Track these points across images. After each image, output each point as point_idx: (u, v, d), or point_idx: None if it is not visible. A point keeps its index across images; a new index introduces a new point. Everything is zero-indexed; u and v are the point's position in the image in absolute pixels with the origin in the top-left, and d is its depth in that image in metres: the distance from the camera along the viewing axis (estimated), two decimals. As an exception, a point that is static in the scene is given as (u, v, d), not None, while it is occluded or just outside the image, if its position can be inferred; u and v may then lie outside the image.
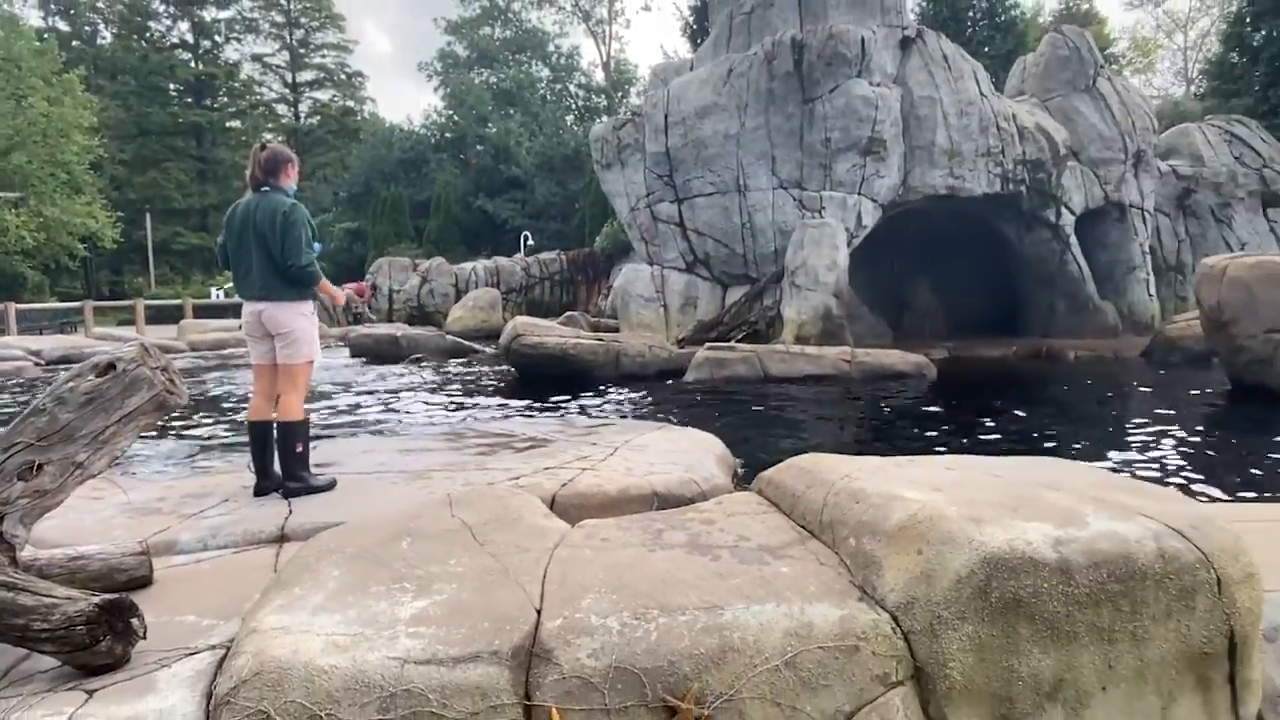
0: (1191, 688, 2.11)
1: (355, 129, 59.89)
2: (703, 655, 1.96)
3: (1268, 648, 2.44)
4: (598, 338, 14.79)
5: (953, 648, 1.99)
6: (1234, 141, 23.83)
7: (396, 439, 6.33)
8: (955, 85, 17.57)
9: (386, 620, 2.06)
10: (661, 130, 18.70)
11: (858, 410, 10.80)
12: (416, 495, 4.03)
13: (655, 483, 4.22)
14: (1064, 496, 2.36)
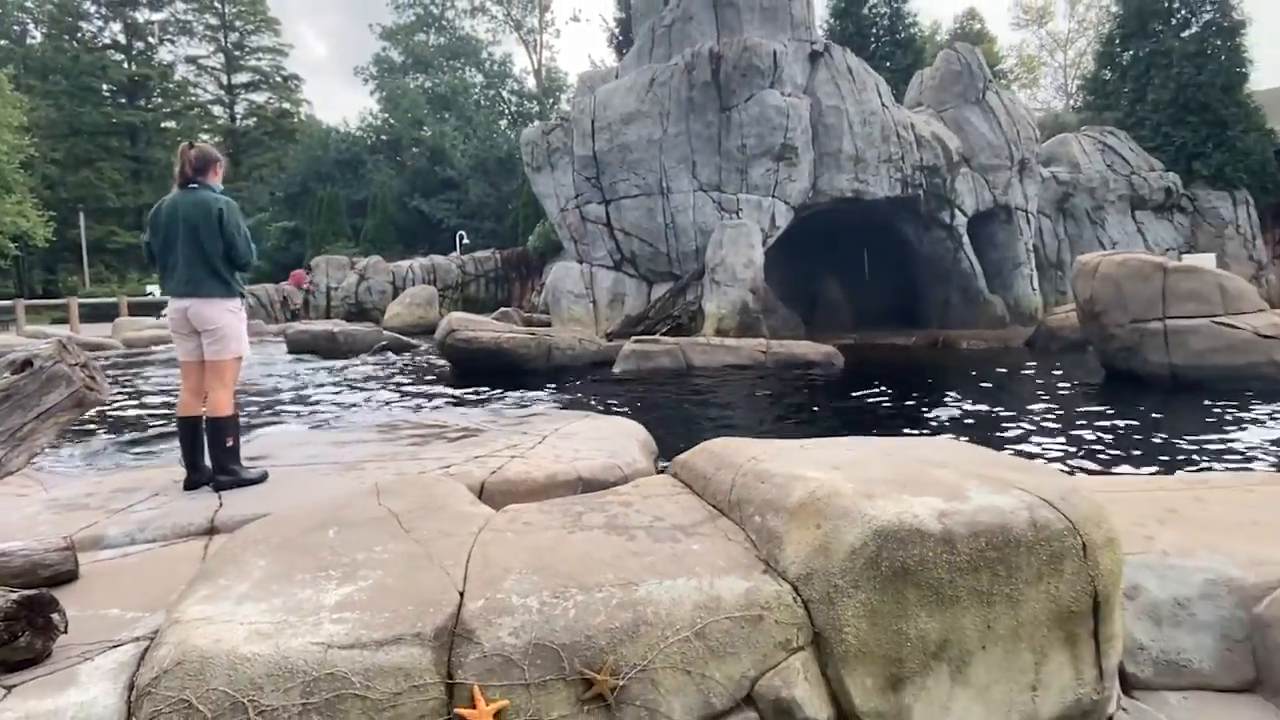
0: (1061, 644, 2.19)
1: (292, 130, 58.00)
2: (618, 629, 1.96)
3: (1128, 605, 2.55)
4: (530, 332, 14.66)
5: (848, 614, 2.02)
6: (1106, 150, 24.92)
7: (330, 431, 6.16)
8: (859, 96, 17.93)
9: (311, 607, 2.00)
10: (589, 135, 18.62)
11: (772, 397, 10.95)
12: (349, 486, 3.93)
13: (581, 468, 4.19)
14: (949, 473, 2.42)
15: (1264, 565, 2.62)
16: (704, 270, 16.79)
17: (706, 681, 1.97)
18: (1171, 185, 24.43)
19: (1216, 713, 2.41)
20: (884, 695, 2.02)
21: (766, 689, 1.99)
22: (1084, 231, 23.70)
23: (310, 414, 9.30)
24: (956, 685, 2.07)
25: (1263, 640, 2.45)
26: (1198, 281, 9.78)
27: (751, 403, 10.65)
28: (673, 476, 3.05)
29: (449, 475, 3.81)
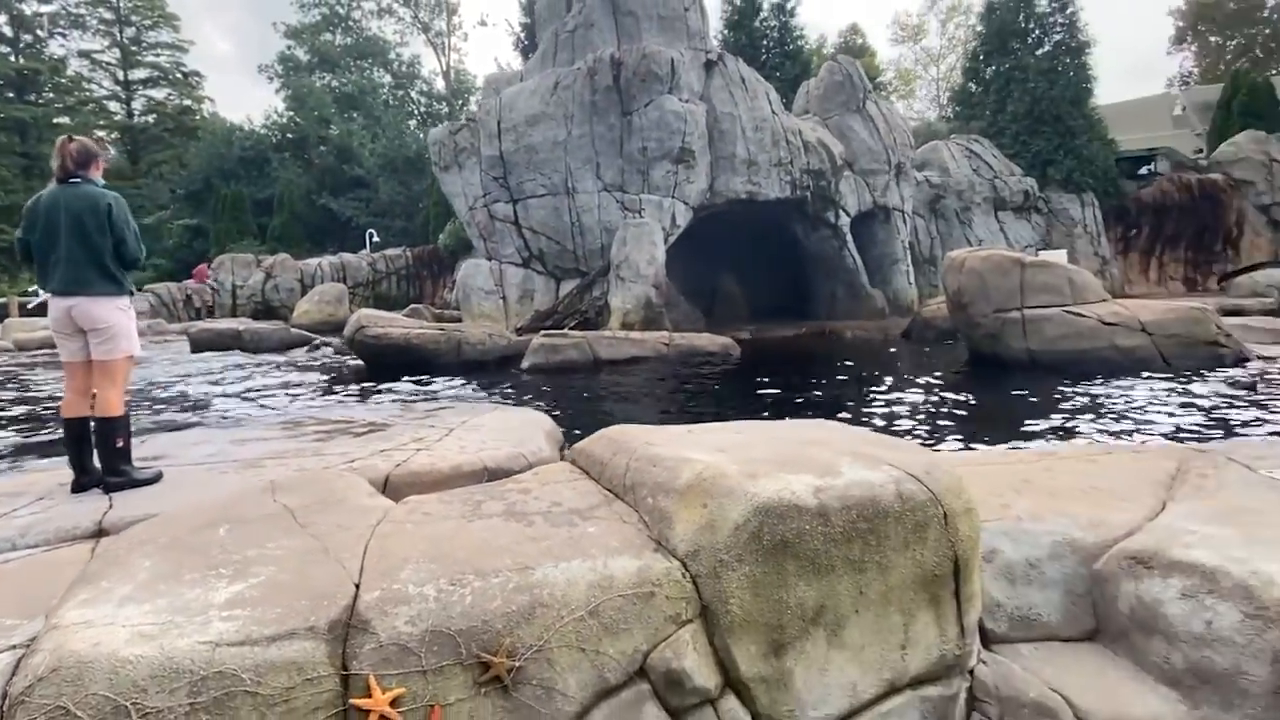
0: (926, 605, 2.26)
1: (193, 127, 54.67)
2: (514, 612, 1.92)
3: (986, 567, 2.67)
4: (440, 328, 14.33)
5: (732, 586, 2.04)
6: (972, 156, 26.14)
7: (231, 430, 5.85)
8: (752, 104, 18.25)
9: (199, 606, 1.88)
10: (495, 136, 18.32)
11: (674, 386, 11.04)
12: (248, 484, 3.73)
13: (486, 459, 4.11)
14: (826, 452, 2.48)
15: (1101, 527, 2.78)
16: (609, 267, 16.79)
17: (601, 658, 1.96)
18: (1029, 189, 25.83)
19: (1063, 661, 2.54)
20: (767, 660, 2.05)
21: (658, 661, 1.99)
22: (953, 230, 24.81)
23: (211, 412, 8.83)
24: (833, 648, 2.12)
25: (1101, 594, 2.60)
26: (1050, 275, 10.37)
27: (655, 392, 10.72)
28: (571, 463, 3.02)
29: (352, 469, 3.67)
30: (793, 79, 26.95)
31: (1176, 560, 2.42)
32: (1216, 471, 3.30)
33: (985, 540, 2.69)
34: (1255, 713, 2.12)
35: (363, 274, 30.76)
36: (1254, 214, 27.81)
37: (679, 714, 2.01)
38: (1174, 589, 2.38)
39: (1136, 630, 2.45)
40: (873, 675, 2.17)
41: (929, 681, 2.29)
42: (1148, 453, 3.69)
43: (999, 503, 3.00)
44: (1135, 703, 2.29)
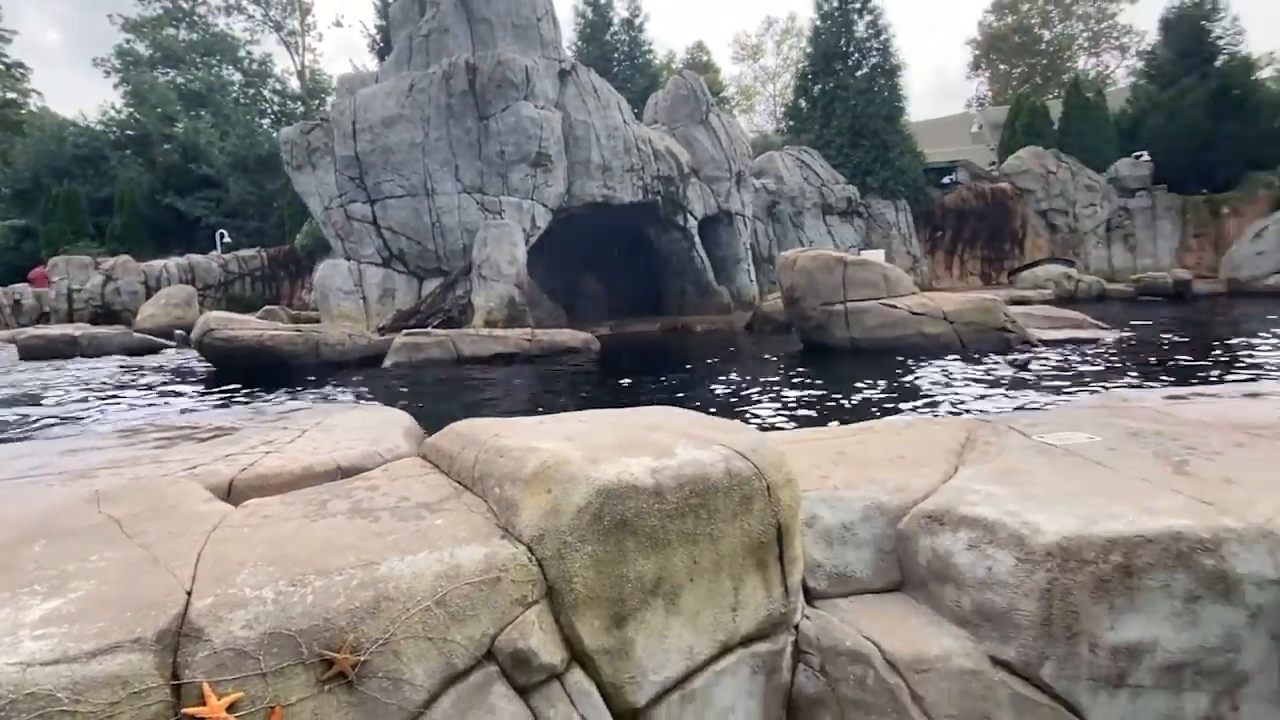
0: (753, 569, 2.34)
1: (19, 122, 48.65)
2: (358, 608, 1.83)
3: (807, 532, 2.80)
4: (296, 329, 13.52)
5: (576, 566, 2.04)
6: (803, 166, 27.51)
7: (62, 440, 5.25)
8: (604, 113, 18.35)
9: (8, 627, 1.67)
10: (350, 136, 17.46)
11: (537, 381, 10.97)
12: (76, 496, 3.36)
13: (340, 459, 3.89)
14: (664, 435, 2.52)
15: (904, 491, 2.98)
16: (472, 267, 16.42)
17: (448, 645, 1.90)
18: (851, 195, 27.49)
19: (873, 611, 2.71)
20: (610, 633, 2.07)
21: (505, 643, 1.97)
22: (788, 232, 26.03)
23: (41, 423, 7.92)
24: (671, 615, 2.16)
25: (904, 549, 2.79)
26: (868, 272, 11.08)
27: (518, 387, 10.60)
28: (422, 458, 2.92)
29: (193, 476, 3.38)
30: (642, 91, 27.34)
31: (964, 516, 2.63)
32: (998, 439, 3.61)
33: (806, 508, 2.83)
34: (1027, 642, 2.35)
35: (214, 275, 28.47)
36: (1035, 218, 30.93)
37: (527, 691, 1.99)
38: (962, 541, 2.58)
39: (933, 580, 2.64)
40: (707, 637, 2.23)
41: (758, 639, 2.37)
42: (944, 424, 4.01)
43: (819, 474, 3.16)
44: (932, 643, 2.47)
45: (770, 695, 2.42)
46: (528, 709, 1.98)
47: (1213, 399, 4.60)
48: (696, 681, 2.21)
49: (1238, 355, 9.98)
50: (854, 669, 2.46)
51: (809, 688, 2.49)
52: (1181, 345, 11.39)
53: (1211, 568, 2.30)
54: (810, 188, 26.71)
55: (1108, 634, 2.28)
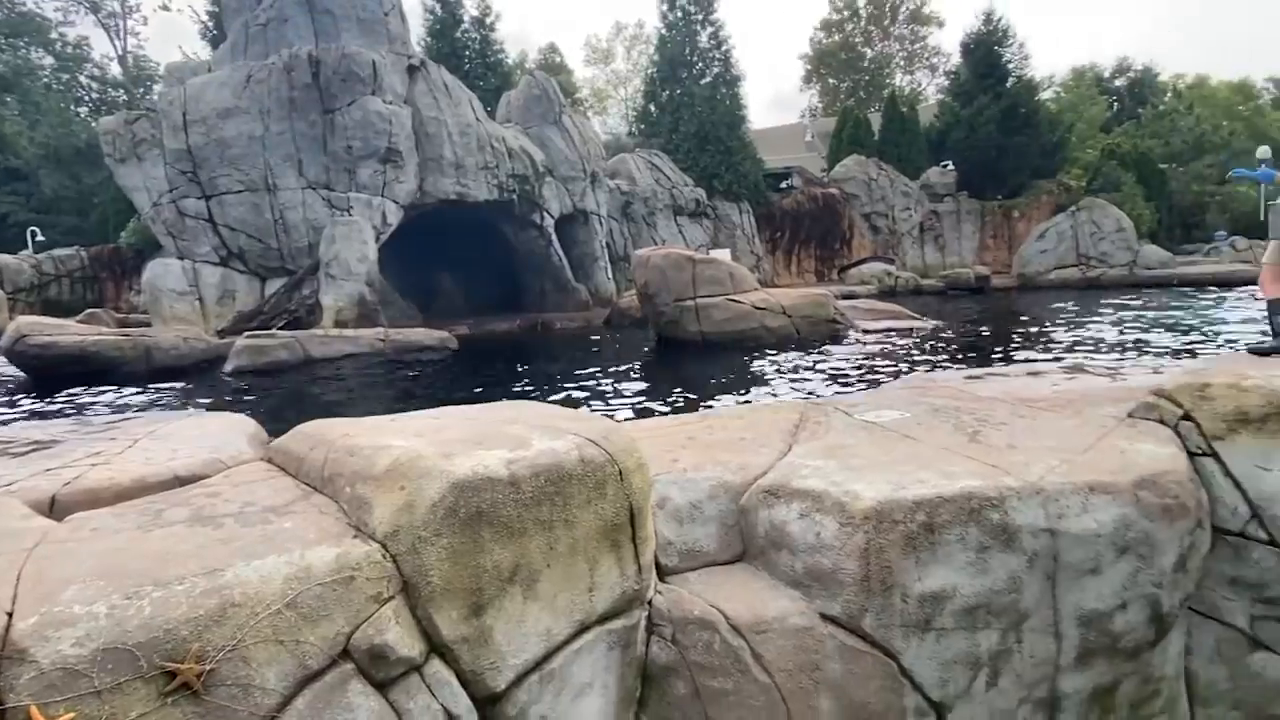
0: (608, 550, 2.41)
1: None
2: (202, 616, 1.74)
3: (659, 512, 2.92)
4: (124, 333, 12.26)
5: (432, 559, 2.03)
6: (654, 169, 28.07)
7: None
8: (456, 110, 17.89)
9: None
10: (181, 128, 15.99)
11: (391, 381, 10.57)
12: None
13: (178, 468, 3.59)
14: (519, 428, 2.54)
15: (746, 469, 3.16)
16: (319, 265, 15.52)
17: (301, 646, 1.84)
18: (699, 197, 28.36)
19: (719, 581, 2.86)
20: (468, 622, 2.07)
21: (361, 640, 1.93)
22: (642, 232, 26.49)
23: None
24: (528, 600, 2.19)
25: (746, 522, 2.97)
26: (715, 269, 11.54)
27: (372, 387, 10.18)
28: (268, 462, 2.78)
29: (9, 493, 3.02)
30: (495, 89, 26.82)
31: (796, 489, 2.84)
32: (826, 419, 3.90)
33: (658, 490, 2.94)
34: (849, 598, 2.57)
35: (25, 277, 25.11)
36: (860, 220, 33.22)
37: (385, 685, 1.96)
38: (795, 511, 2.78)
39: (771, 548, 2.83)
40: (565, 619, 2.28)
41: (614, 616, 2.45)
42: (780, 408, 4.28)
43: (670, 458, 3.29)
44: (770, 605, 2.65)
45: (626, 668, 2.50)
46: (386, 703, 1.95)
47: (1002, 378, 5.18)
48: (555, 661, 2.26)
49: (1027, 338, 11.27)
50: (702, 635, 2.60)
51: (662, 657, 2.60)
52: (980, 332, 12.71)
53: (997, 521, 2.62)
54: (661, 189, 27.31)
55: (916, 585, 2.55)
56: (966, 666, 2.58)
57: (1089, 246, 27.98)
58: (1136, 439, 3.36)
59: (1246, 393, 3.42)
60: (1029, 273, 28.66)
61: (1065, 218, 28.81)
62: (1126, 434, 3.43)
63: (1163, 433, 3.45)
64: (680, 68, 31.28)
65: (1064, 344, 10.52)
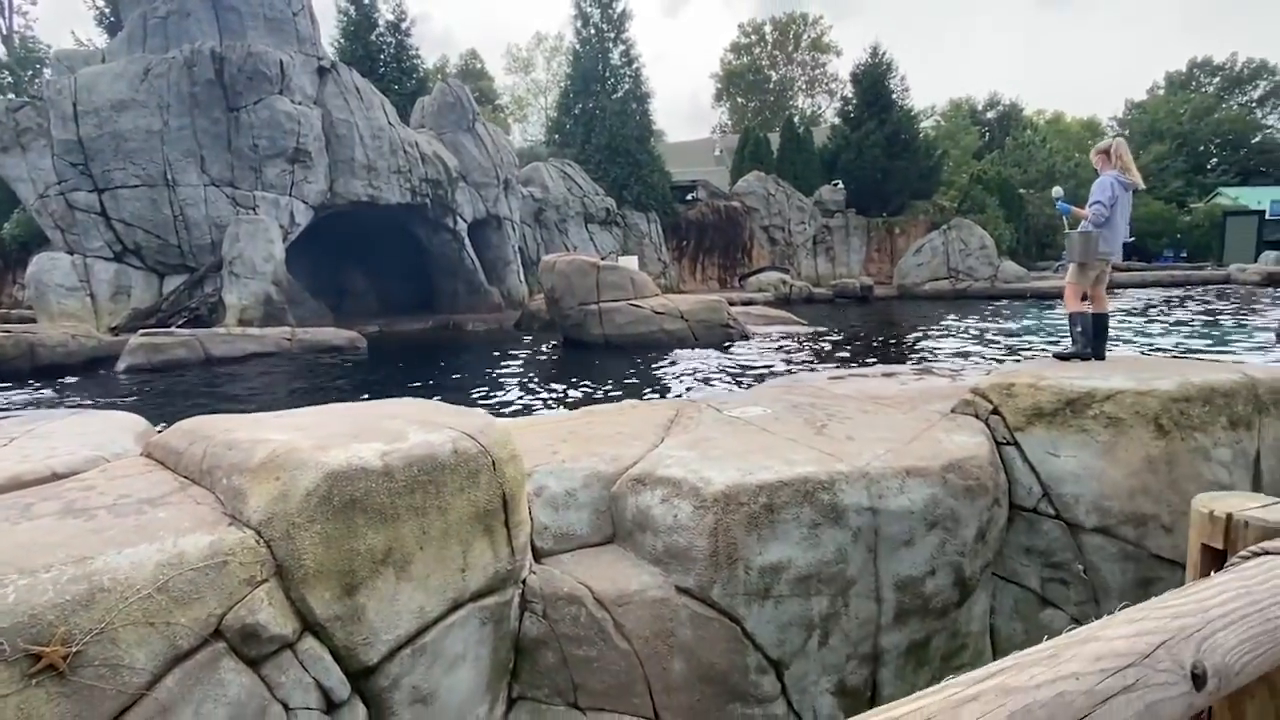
0: (481, 534, 2.51)
1: None
2: (69, 602, 1.75)
3: (536, 500, 3.04)
4: (4, 329, 11.35)
5: (305, 544, 2.08)
6: (567, 178, 28.09)
7: None
8: (368, 113, 17.40)
9: None
10: (71, 119, 14.88)
11: (296, 380, 10.23)
12: None
13: (56, 464, 3.43)
14: (398, 423, 2.61)
15: (618, 460, 3.33)
16: (222, 263, 14.78)
17: (171, 628, 1.87)
18: (609, 206, 28.57)
19: (590, 561, 3.01)
20: (341, 601, 2.14)
21: (233, 620, 1.97)
22: (554, 237, 26.46)
23: None
24: (401, 580, 2.27)
25: (616, 508, 3.13)
26: (618, 276, 11.73)
27: (274, 387, 9.82)
28: (147, 457, 2.74)
29: None
30: (410, 94, 26.18)
31: (659, 476, 3.03)
32: (698, 414, 4.13)
33: (536, 480, 3.07)
34: (701, 571, 2.77)
35: (-112, 269, 22.76)
36: (760, 232, 34.26)
37: (257, 662, 2.01)
38: (658, 497, 2.97)
39: (637, 530, 3.00)
40: (437, 597, 2.36)
41: (487, 594, 2.55)
42: (658, 405, 4.49)
43: (550, 450, 3.42)
44: (632, 581, 2.82)
45: (499, 641, 2.62)
46: (258, 678, 2.00)
47: (860, 378, 5.57)
48: (428, 636, 2.35)
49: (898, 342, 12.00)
50: (570, 609, 2.74)
51: (533, 630, 2.73)
52: (859, 336, 13.43)
53: (827, 501, 2.89)
54: (573, 198, 27.36)
55: (757, 558, 2.78)
56: (801, 628, 2.83)
57: (958, 261, 29.84)
58: (953, 430, 3.74)
59: (1041, 391, 3.87)
60: (907, 283, 30.30)
61: (938, 235, 30.60)
62: (946, 426, 3.82)
63: (975, 425, 3.85)
64: (593, 82, 31.41)
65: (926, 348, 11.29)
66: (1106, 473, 3.65)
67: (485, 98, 49.77)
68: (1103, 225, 5.39)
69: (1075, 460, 3.76)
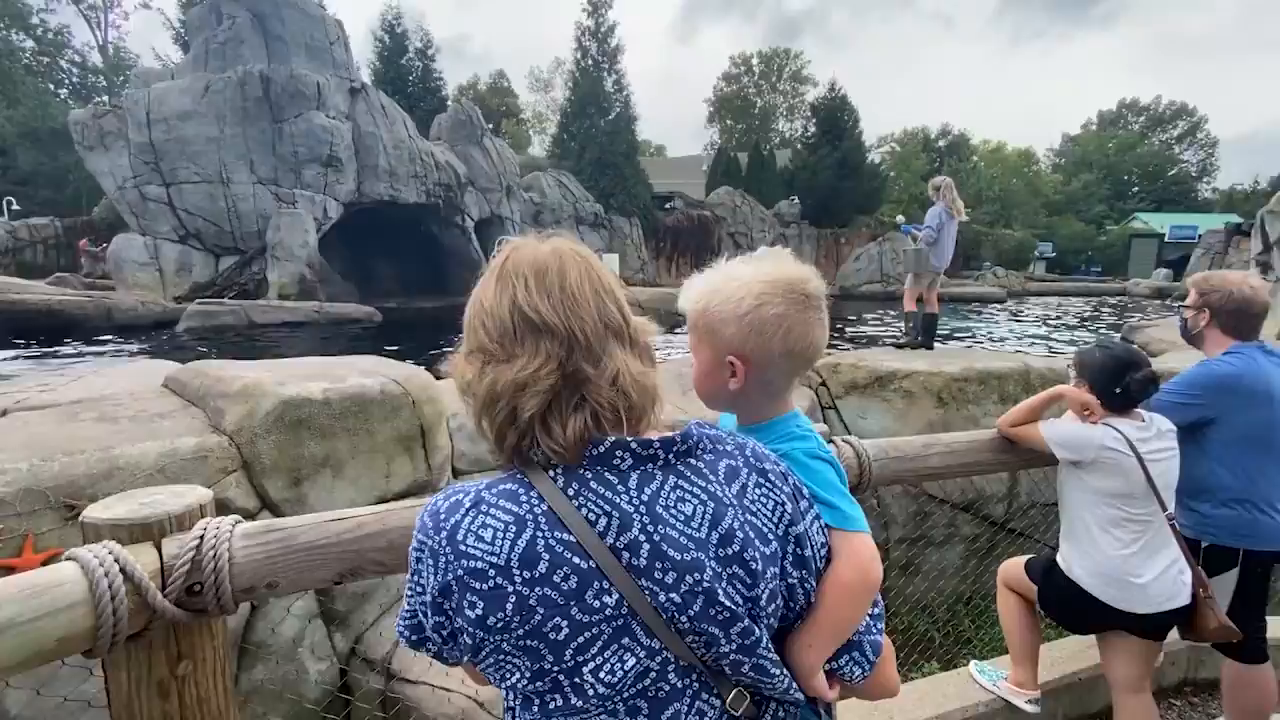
0: (402, 453, 2.96)
1: None
2: (96, 474, 2.22)
3: (458, 434, 3.48)
4: (87, 295, 11.72)
5: (264, 448, 2.55)
6: (562, 186, 28.26)
7: None
8: (391, 127, 17.61)
9: None
10: (144, 125, 15.09)
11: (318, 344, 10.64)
12: None
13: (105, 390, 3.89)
14: (346, 369, 3.05)
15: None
16: (266, 248, 15.11)
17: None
18: (598, 211, 28.77)
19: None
20: (290, 489, 2.62)
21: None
22: (550, 236, 26.63)
23: None
24: (336, 479, 2.74)
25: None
26: (587, 270, 12.10)
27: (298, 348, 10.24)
28: (164, 387, 3.21)
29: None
30: (433, 110, 26.25)
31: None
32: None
33: (459, 419, 3.52)
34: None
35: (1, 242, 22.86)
36: (727, 238, 34.55)
37: (227, 524, 2.50)
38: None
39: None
40: (365, 493, 2.83)
41: (407, 495, 3.01)
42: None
43: (474, 400, 3.89)
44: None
45: (414, 528, 3.12)
46: (228, 535, 2.51)
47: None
48: (357, 518, 2.84)
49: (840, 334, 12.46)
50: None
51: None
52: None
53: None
54: (566, 203, 27.57)
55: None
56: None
57: (890, 268, 30.29)
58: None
59: (858, 369, 4.39)
60: (847, 286, 30.78)
61: (875, 245, 31.00)
62: (780, 393, 4.33)
63: (806, 392, 4.36)
64: (589, 105, 31.47)
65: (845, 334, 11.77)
66: (899, 432, 4.18)
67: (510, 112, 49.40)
68: (933, 244, 5.91)
69: (877, 422, 4.31)
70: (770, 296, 0.89)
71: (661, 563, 0.67)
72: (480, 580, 0.67)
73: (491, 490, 0.73)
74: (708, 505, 0.70)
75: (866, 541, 0.86)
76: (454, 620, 0.69)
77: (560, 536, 0.67)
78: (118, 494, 1.01)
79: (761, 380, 0.92)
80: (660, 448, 0.71)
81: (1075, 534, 2.02)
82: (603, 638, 0.67)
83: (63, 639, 0.81)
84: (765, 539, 0.73)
